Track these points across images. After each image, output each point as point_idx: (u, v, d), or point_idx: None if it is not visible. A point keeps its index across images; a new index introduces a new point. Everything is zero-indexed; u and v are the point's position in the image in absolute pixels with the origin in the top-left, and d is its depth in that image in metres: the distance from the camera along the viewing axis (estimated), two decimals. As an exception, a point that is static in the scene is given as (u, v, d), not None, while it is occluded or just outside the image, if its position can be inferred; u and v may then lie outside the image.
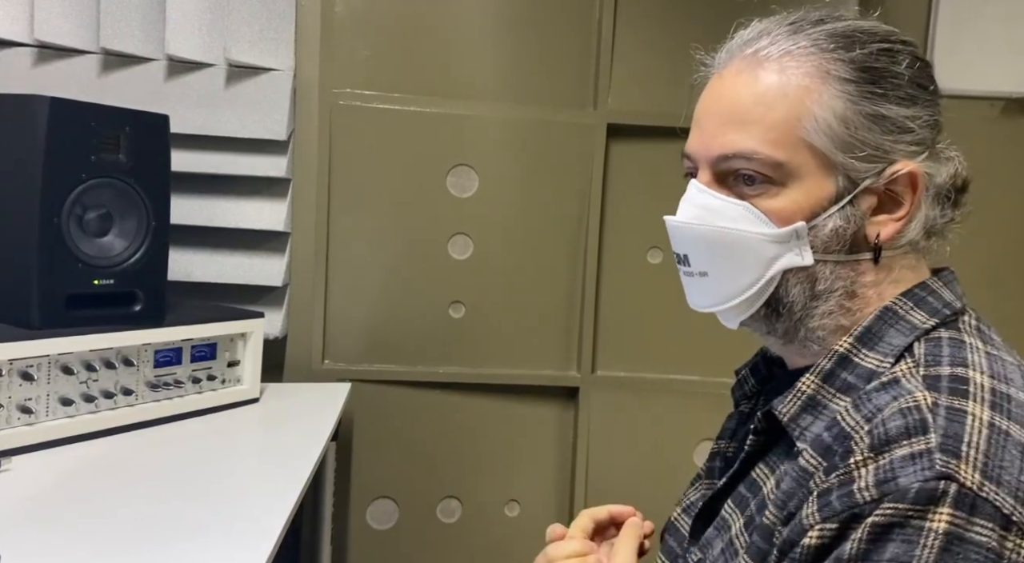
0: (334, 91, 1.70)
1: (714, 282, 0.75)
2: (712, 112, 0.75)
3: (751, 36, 0.75)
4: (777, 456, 0.73)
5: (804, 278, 0.72)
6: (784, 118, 0.70)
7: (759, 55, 0.72)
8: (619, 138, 1.77)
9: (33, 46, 1.57)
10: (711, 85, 0.77)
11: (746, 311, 0.74)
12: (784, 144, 0.70)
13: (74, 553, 0.90)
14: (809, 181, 0.70)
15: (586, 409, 1.81)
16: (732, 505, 0.76)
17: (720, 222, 0.72)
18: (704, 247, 0.74)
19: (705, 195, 0.74)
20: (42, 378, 1.19)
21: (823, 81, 0.70)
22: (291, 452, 1.27)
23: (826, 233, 0.71)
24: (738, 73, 0.73)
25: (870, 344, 0.71)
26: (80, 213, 1.24)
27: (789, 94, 0.70)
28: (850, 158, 0.70)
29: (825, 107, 0.70)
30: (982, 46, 1.82)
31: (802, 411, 0.71)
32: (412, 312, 1.76)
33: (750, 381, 0.88)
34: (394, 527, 1.80)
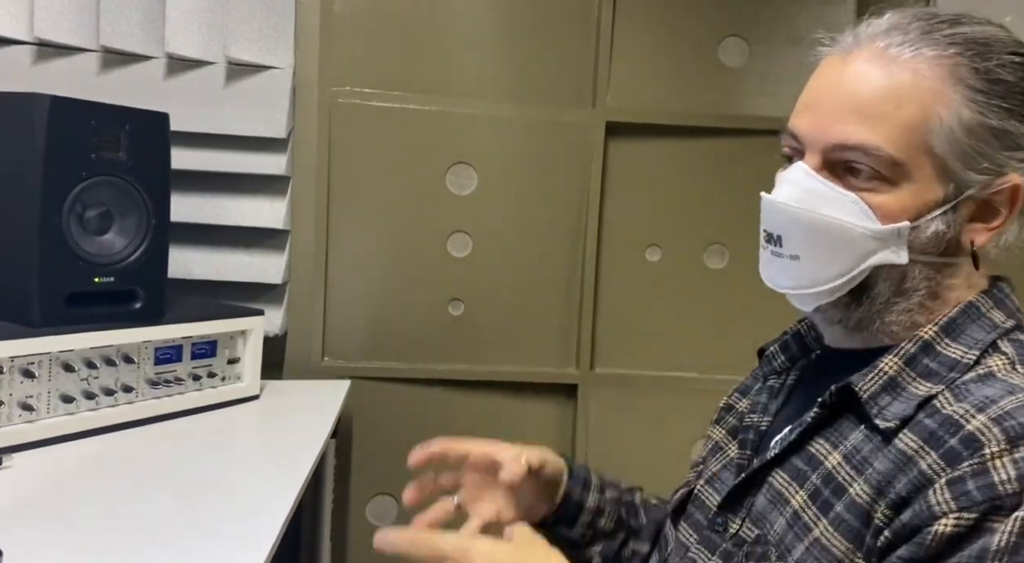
0: (333, 89, 1.70)
1: (805, 267, 0.74)
2: (833, 96, 0.73)
3: (883, 28, 0.73)
4: (839, 431, 0.74)
5: (895, 275, 0.73)
6: (912, 119, 0.69)
7: (890, 51, 0.71)
8: (618, 136, 1.77)
9: (33, 44, 1.57)
10: (831, 66, 0.75)
11: (828, 297, 0.74)
12: (907, 145, 0.69)
13: (74, 550, 0.90)
14: (921, 184, 0.70)
15: (585, 406, 1.81)
16: (786, 477, 0.75)
17: (825, 210, 0.72)
18: (803, 231, 0.73)
19: (814, 180, 0.72)
20: (43, 375, 1.19)
21: (954, 87, 0.70)
22: (291, 449, 1.28)
23: (926, 235, 0.71)
24: (867, 62, 0.72)
25: (953, 335, 0.73)
26: (80, 211, 1.24)
27: (920, 96, 0.70)
28: (966, 168, 0.70)
29: (953, 114, 0.69)
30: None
31: (882, 390, 0.71)
32: (411, 310, 1.76)
33: (779, 357, 0.89)
34: (394, 523, 1.80)
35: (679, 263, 1.81)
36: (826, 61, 0.76)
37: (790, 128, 0.76)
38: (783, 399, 0.86)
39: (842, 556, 0.67)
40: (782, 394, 0.87)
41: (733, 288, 1.76)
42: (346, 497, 1.77)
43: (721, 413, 0.98)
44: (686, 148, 1.79)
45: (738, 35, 1.77)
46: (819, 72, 0.76)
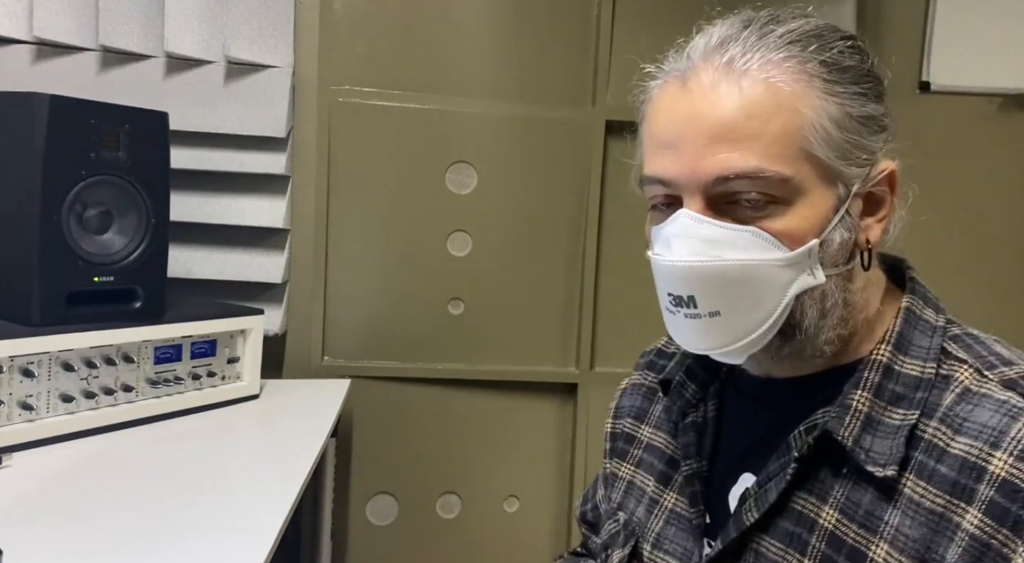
0: (333, 88, 1.70)
1: (727, 321, 0.67)
2: (692, 129, 0.66)
3: (715, 42, 0.68)
4: (820, 480, 0.68)
5: (817, 297, 0.68)
6: (783, 130, 0.64)
7: (735, 66, 0.66)
8: (618, 135, 1.77)
9: (32, 43, 1.57)
10: (673, 98, 0.68)
11: (758, 344, 0.68)
12: (787, 157, 0.64)
13: (74, 549, 0.90)
14: (814, 195, 0.66)
15: (585, 405, 1.81)
16: (779, 544, 0.69)
17: (729, 254, 0.65)
18: (715, 285, 0.66)
19: (706, 225, 0.66)
20: (43, 375, 1.19)
21: (810, 86, 0.65)
22: (291, 448, 1.28)
23: (834, 247, 0.67)
24: (714, 86, 0.66)
25: (904, 350, 0.69)
26: (80, 210, 1.24)
27: (782, 104, 0.65)
28: (848, 164, 0.66)
29: (820, 113, 0.65)
30: (980, 42, 1.82)
31: (862, 432, 0.66)
32: (411, 309, 1.76)
33: (690, 387, 0.82)
34: (394, 523, 1.80)
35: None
36: (665, 92, 0.70)
37: (654, 175, 0.69)
38: (713, 434, 0.80)
39: None
40: (710, 429, 0.80)
41: (733, 287, 1.76)
42: (346, 496, 1.77)
43: (618, 444, 0.92)
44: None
45: (738, 34, 1.77)
46: (661, 105, 0.69)
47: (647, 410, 0.91)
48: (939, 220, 1.86)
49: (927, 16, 1.83)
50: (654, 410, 0.89)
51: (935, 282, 0.80)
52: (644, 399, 0.92)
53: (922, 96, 1.85)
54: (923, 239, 1.48)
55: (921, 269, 0.79)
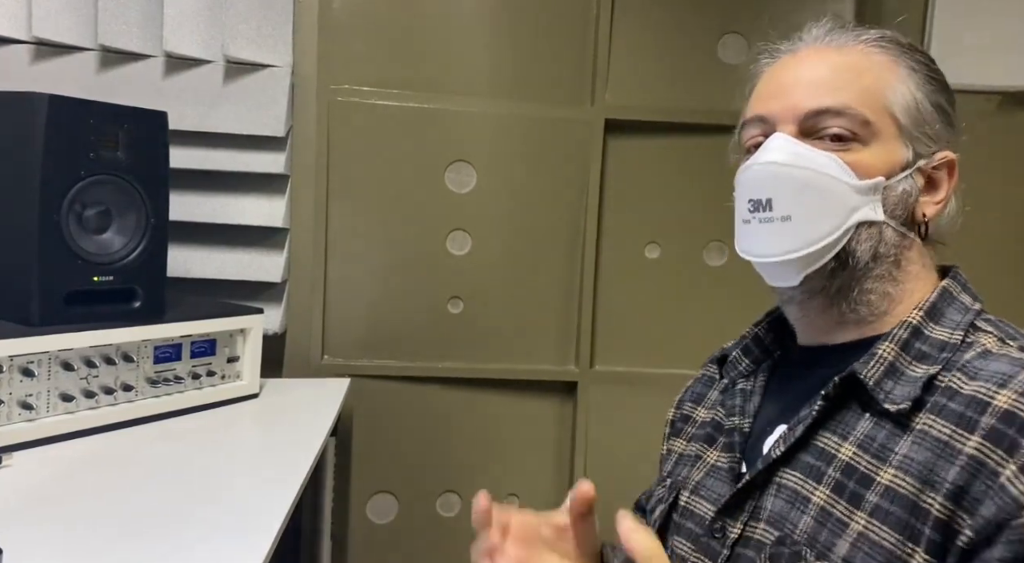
0: (332, 87, 1.70)
1: (797, 226, 0.77)
2: (796, 82, 0.80)
3: (823, 33, 0.82)
4: (844, 422, 0.76)
5: (875, 234, 0.78)
6: (872, 85, 0.78)
7: (836, 42, 0.81)
8: (617, 133, 1.77)
9: (31, 43, 1.57)
10: (784, 64, 0.82)
11: (817, 261, 0.77)
12: (873, 106, 0.77)
13: (74, 548, 0.90)
14: (889, 144, 0.78)
15: (584, 403, 1.81)
16: (799, 475, 0.76)
17: (811, 165, 0.76)
18: (794, 188, 0.77)
19: (793, 144, 0.77)
20: (42, 374, 1.19)
21: (898, 64, 0.79)
22: (291, 447, 1.28)
23: (896, 195, 0.78)
24: (819, 51, 0.81)
25: (936, 319, 0.78)
26: (79, 210, 1.24)
27: (874, 68, 0.78)
28: (919, 133, 0.78)
29: (904, 85, 0.78)
30: (979, 40, 1.82)
31: (885, 376, 0.75)
32: (411, 308, 1.77)
33: (743, 361, 0.91)
34: (394, 521, 1.81)
35: (678, 260, 1.81)
36: (777, 63, 0.84)
37: (756, 114, 0.82)
38: (759, 400, 0.88)
39: (893, 547, 0.68)
40: (755, 395, 0.89)
41: (732, 285, 1.76)
42: (346, 495, 1.77)
43: (676, 425, 1.00)
44: (685, 145, 1.79)
45: (737, 32, 1.77)
46: (772, 72, 0.83)
47: (705, 395, 0.98)
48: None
49: (926, 14, 1.83)
50: (711, 394, 0.97)
51: None
52: (704, 386, 1.00)
53: (921, 94, 1.85)
54: None
55: None
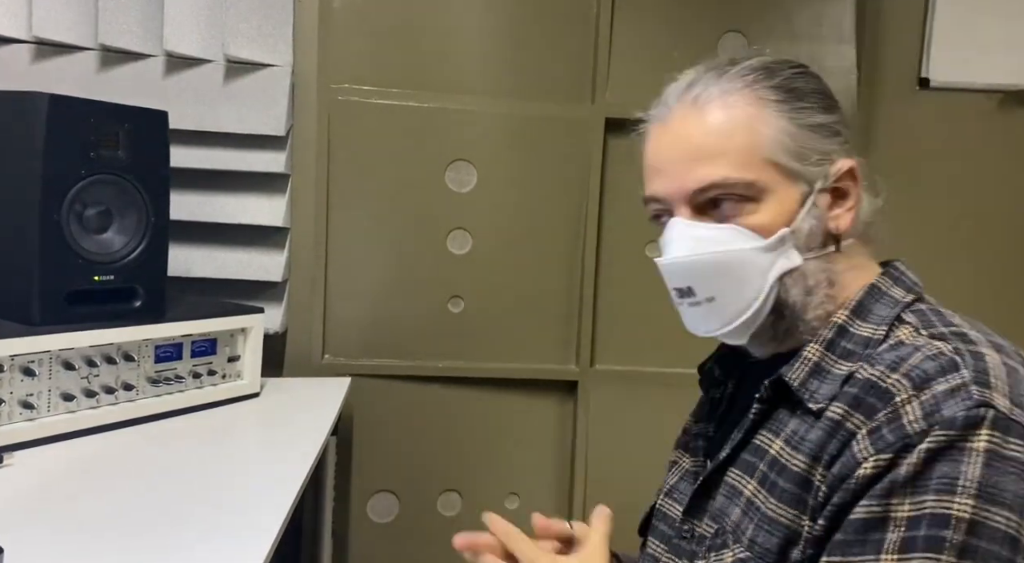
0: (332, 86, 1.70)
1: (722, 304, 0.81)
2: (673, 157, 0.82)
3: (682, 87, 0.84)
4: (779, 421, 0.80)
5: (798, 278, 0.80)
6: (743, 144, 0.79)
7: (699, 100, 0.81)
8: (617, 132, 1.77)
9: (31, 43, 1.57)
10: (657, 136, 0.85)
11: (755, 322, 0.81)
12: (749, 165, 0.79)
13: (75, 548, 0.90)
14: (779, 193, 0.80)
15: (585, 402, 1.81)
16: (738, 472, 0.81)
17: (716, 247, 0.80)
18: (707, 274, 0.81)
19: (693, 227, 0.81)
20: (43, 374, 1.19)
21: (762, 106, 0.80)
22: (291, 447, 1.28)
23: (804, 234, 0.80)
24: (683, 118, 0.82)
25: (862, 316, 0.81)
26: (80, 210, 1.24)
27: (740, 123, 0.80)
28: (804, 165, 0.80)
29: (772, 126, 0.80)
30: (979, 40, 1.82)
31: (809, 376, 0.79)
32: (411, 307, 1.76)
33: (716, 370, 0.96)
34: (395, 520, 1.81)
35: (679, 259, 1.81)
36: (651, 132, 0.86)
37: (650, 195, 0.85)
38: (726, 406, 0.93)
39: (789, 522, 0.74)
40: (724, 402, 0.93)
41: (733, 284, 1.76)
42: (347, 494, 1.77)
43: (679, 439, 1.03)
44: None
45: (737, 30, 1.77)
46: (649, 144, 0.86)
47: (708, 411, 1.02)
48: (938, 216, 1.86)
49: (926, 12, 1.83)
50: None
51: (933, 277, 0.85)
52: None
53: (922, 93, 1.85)
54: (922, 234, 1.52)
55: (917, 263, 0.87)
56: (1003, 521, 0.64)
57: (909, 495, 0.66)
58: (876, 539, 0.67)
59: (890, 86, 1.85)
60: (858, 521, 0.68)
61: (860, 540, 0.67)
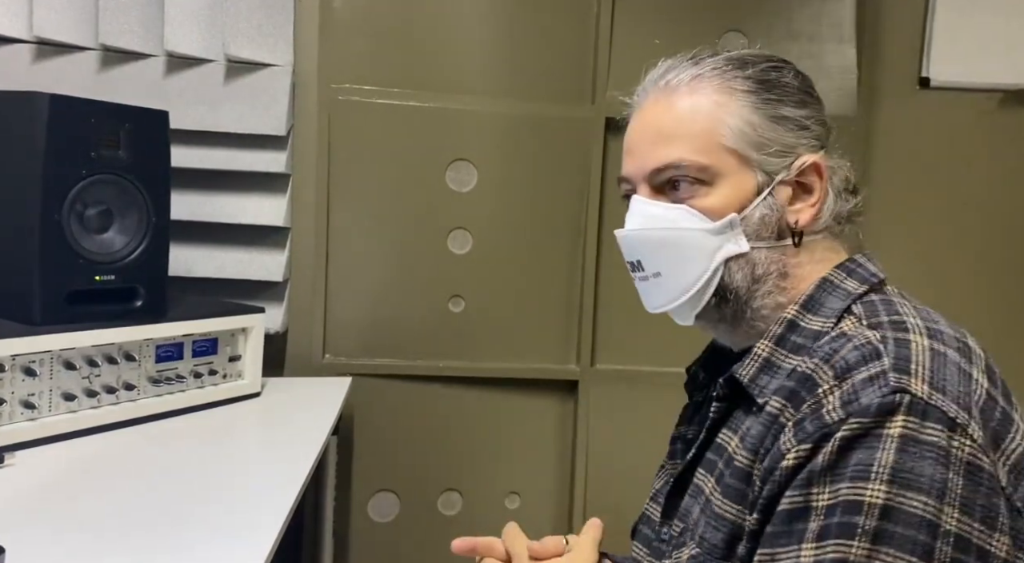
0: (333, 86, 1.70)
1: (667, 280, 0.83)
2: (640, 140, 0.85)
3: (659, 73, 0.86)
4: (737, 419, 0.81)
5: (744, 264, 0.82)
6: (703, 129, 0.81)
7: (670, 85, 0.84)
8: (617, 132, 1.76)
9: (32, 43, 1.57)
10: (634, 120, 0.88)
11: (699, 302, 0.83)
12: (706, 150, 0.81)
13: (76, 547, 0.90)
14: (733, 179, 0.81)
15: (585, 402, 1.81)
16: (703, 472, 0.83)
17: (664, 224, 0.83)
18: (654, 249, 0.84)
19: (647, 205, 0.84)
20: (44, 373, 1.20)
21: (729, 95, 0.82)
22: (292, 446, 1.28)
23: (755, 222, 0.81)
24: (655, 103, 0.85)
25: (813, 310, 0.81)
26: (81, 210, 1.25)
27: (703, 109, 0.82)
28: (763, 155, 0.81)
29: (735, 115, 0.81)
30: (979, 39, 1.82)
31: (760, 372, 0.80)
32: (412, 307, 1.77)
33: (701, 374, 0.97)
34: (395, 520, 1.81)
35: (679, 259, 1.81)
36: (631, 117, 0.89)
37: (620, 174, 0.88)
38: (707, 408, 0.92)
39: (734, 518, 0.75)
40: (705, 405, 0.93)
41: (733, 283, 1.76)
42: (348, 494, 1.77)
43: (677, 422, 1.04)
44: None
45: (738, 30, 1.77)
46: (629, 127, 0.89)
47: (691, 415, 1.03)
48: (938, 214, 1.86)
49: (926, 12, 1.83)
50: None
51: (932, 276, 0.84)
52: None
53: (922, 92, 1.85)
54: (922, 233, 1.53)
55: (918, 262, 0.85)
56: (919, 506, 0.64)
57: (827, 484, 0.67)
58: (799, 529, 0.67)
59: (890, 86, 1.85)
60: (783, 512, 0.69)
61: (786, 531, 0.68)
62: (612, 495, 1.72)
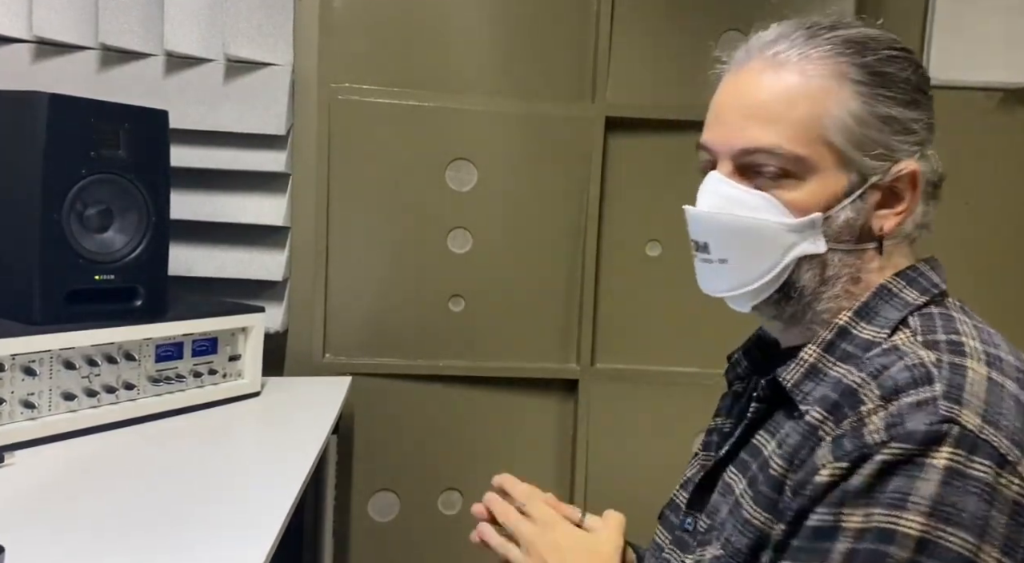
0: (332, 86, 1.70)
1: (733, 268, 0.79)
2: (733, 107, 0.79)
3: (770, 38, 0.79)
4: (777, 422, 0.78)
5: (816, 265, 0.77)
6: (806, 116, 0.75)
7: (779, 57, 0.77)
8: (617, 131, 1.77)
9: (32, 42, 1.57)
10: (729, 80, 0.81)
11: (760, 296, 0.79)
12: (805, 140, 0.75)
13: (75, 547, 0.91)
14: (826, 175, 0.75)
15: (585, 401, 1.81)
16: (734, 470, 0.80)
17: (742, 211, 0.77)
18: (726, 235, 0.78)
19: (727, 186, 0.77)
20: (44, 373, 1.19)
21: (840, 83, 0.75)
22: (292, 446, 1.28)
23: (838, 224, 0.76)
24: (759, 72, 0.78)
25: (868, 318, 0.77)
26: (80, 209, 1.25)
27: (810, 94, 0.75)
28: (863, 156, 0.75)
29: (842, 107, 0.75)
30: (979, 37, 1.82)
31: (804, 378, 0.76)
32: (412, 306, 1.77)
33: (743, 363, 0.92)
34: (395, 519, 1.81)
35: (679, 258, 1.79)
36: (725, 78, 0.82)
37: (702, 142, 0.82)
38: (746, 402, 0.89)
39: (761, 526, 0.72)
40: (745, 397, 0.90)
41: (733, 283, 1.76)
42: (348, 493, 1.77)
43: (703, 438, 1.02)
44: (686, 143, 1.75)
45: (738, 29, 1.77)
46: (720, 88, 0.82)
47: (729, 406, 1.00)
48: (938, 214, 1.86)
49: (927, 10, 1.83)
50: None
51: None
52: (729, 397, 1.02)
53: (922, 91, 1.85)
54: None
55: None
56: (958, 542, 0.60)
57: (860, 506, 0.64)
58: (824, 548, 0.65)
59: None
60: (811, 528, 0.66)
61: (811, 548, 0.66)
62: (612, 494, 1.71)
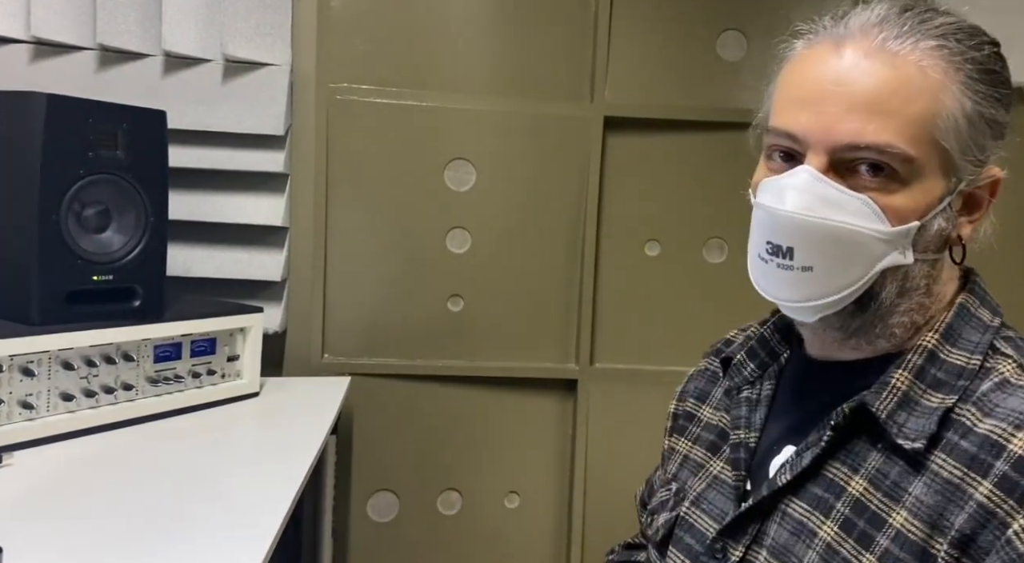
0: (331, 86, 1.70)
1: (817, 277, 0.70)
2: (835, 94, 0.69)
3: (875, 20, 0.70)
4: (855, 453, 0.71)
5: (899, 276, 0.71)
6: (923, 114, 0.68)
7: (889, 44, 0.69)
8: (616, 131, 1.77)
9: (30, 42, 1.57)
10: (823, 59, 0.71)
11: (835, 307, 0.71)
12: (918, 139, 0.68)
13: (74, 547, 0.90)
14: (929, 180, 0.69)
15: (585, 401, 1.81)
16: (806, 506, 0.72)
17: (838, 216, 0.68)
18: (817, 241, 0.69)
19: (823, 185, 0.69)
20: (43, 374, 1.19)
21: (955, 78, 0.69)
22: (291, 446, 1.28)
23: (930, 234, 0.71)
24: (868, 56, 0.69)
25: (952, 341, 0.72)
26: (78, 210, 1.24)
27: (926, 89, 0.68)
28: (964, 159, 0.70)
29: (957, 105, 0.68)
30: (978, 36, 1.82)
31: (898, 407, 0.70)
32: (411, 306, 1.76)
33: (748, 366, 0.86)
34: (395, 519, 1.81)
35: (678, 258, 1.81)
36: (815, 51, 0.72)
37: (785, 128, 0.72)
38: (765, 412, 0.84)
39: None
40: (762, 406, 0.84)
41: (732, 282, 1.76)
42: (347, 493, 1.77)
43: (679, 422, 0.97)
44: (685, 142, 1.78)
45: (736, 29, 1.77)
46: (808, 62, 0.72)
47: (709, 392, 0.94)
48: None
49: (925, 10, 1.83)
50: (715, 392, 0.93)
51: None
52: (708, 382, 0.96)
53: (921, 90, 1.84)
54: None
55: None
56: None
57: None
58: None
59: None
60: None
61: None
62: (612, 494, 1.72)
